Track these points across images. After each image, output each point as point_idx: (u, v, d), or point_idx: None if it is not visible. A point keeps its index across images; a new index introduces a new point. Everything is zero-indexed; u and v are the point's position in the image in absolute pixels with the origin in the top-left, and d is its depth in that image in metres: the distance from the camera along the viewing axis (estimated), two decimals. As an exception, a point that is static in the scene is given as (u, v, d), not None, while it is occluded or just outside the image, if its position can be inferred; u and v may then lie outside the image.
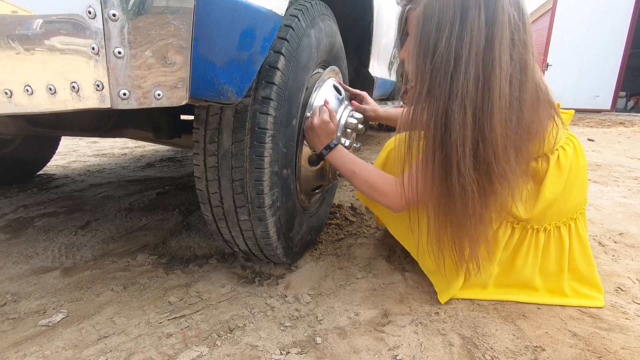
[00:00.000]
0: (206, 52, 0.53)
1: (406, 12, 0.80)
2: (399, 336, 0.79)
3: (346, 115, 1.09)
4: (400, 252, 1.14)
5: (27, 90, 0.49)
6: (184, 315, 0.85)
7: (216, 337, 0.78)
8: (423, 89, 0.72)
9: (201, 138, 0.81)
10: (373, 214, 1.48)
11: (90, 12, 0.45)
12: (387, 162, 1.05)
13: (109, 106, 0.48)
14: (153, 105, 0.50)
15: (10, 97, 0.50)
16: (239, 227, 0.89)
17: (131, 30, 0.46)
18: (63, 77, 0.48)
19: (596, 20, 7.92)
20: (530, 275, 0.91)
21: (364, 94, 1.28)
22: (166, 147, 3.08)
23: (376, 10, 1.59)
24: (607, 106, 8.24)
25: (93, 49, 0.46)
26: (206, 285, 0.98)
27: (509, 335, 0.80)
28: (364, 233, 1.31)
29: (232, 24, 0.58)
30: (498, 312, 0.88)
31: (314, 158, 1.03)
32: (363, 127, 1.15)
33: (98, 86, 0.47)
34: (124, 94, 0.48)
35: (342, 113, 1.08)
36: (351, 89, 1.24)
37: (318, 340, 0.77)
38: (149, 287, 0.97)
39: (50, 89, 0.49)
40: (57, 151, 2.15)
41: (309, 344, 0.76)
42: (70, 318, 0.84)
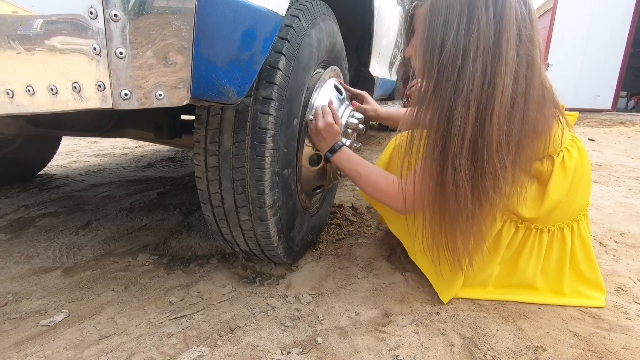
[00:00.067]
0: (207, 52, 0.53)
1: (412, 9, 0.81)
2: (400, 336, 0.79)
3: (347, 115, 1.09)
4: (401, 252, 1.14)
5: (29, 90, 0.49)
6: (185, 315, 0.85)
7: (217, 337, 0.78)
8: (430, 85, 0.72)
9: (202, 138, 0.81)
10: (377, 213, 1.48)
11: (91, 13, 0.45)
12: (391, 161, 1.05)
13: (111, 106, 0.48)
14: (154, 105, 0.50)
15: (12, 98, 0.50)
16: (240, 227, 0.89)
17: (132, 30, 0.46)
18: (65, 78, 0.48)
19: (597, 19, 7.91)
20: (532, 275, 0.91)
21: (365, 94, 1.28)
22: (167, 147, 3.09)
23: (377, 10, 1.59)
24: (608, 106, 8.23)
25: (94, 49, 0.46)
26: (207, 285, 0.98)
27: (510, 335, 0.80)
28: (365, 233, 1.31)
29: (233, 24, 0.58)
30: (499, 312, 0.88)
31: (315, 158, 1.03)
32: (364, 127, 1.15)
33: (100, 86, 0.47)
34: (126, 94, 0.48)
35: (343, 113, 1.08)
36: (352, 89, 1.24)
37: (319, 340, 0.77)
38: (150, 287, 0.97)
39: (51, 90, 0.49)
40: (58, 151, 2.15)
41: (310, 344, 0.76)
42: (71, 318, 0.84)
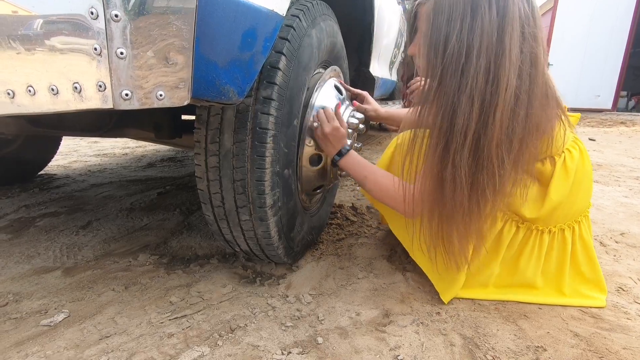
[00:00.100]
0: (208, 53, 0.53)
1: (416, 7, 0.81)
2: (400, 336, 0.79)
3: (347, 115, 1.09)
4: (401, 252, 1.14)
5: (30, 90, 0.49)
6: (185, 315, 0.85)
7: (217, 337, 0.78)
8: (434, 83, 0.72)
9: (202, 138, 0.81)
10: (377, 213, 1.48)
11: (92, 13, 0.45)
12: (392, 161, 1.05)
13: (111, 107, 0.48)
14: (155, 105, 0.50)
15: (12, 98, 0.50)
16: (240, 227, 0.89)
17: (133, 30, 0.46)
18: (65, 78, 0.48)
19: (597, 19, 7.90)
20: (532, 276, 0.91)
21: (365, 94, 1.28)
22: (167, 147, 3.09)
23: (377, 10, 1.59)
24: (608, 106, 8.22)
25: (95, 50, 0.46)
26: (207, 285, 0.98)
27: (511, 335, 0.80)
28: (365, 233, 1.31)
29: (234, 24, 0.58)
30: (499, 312, 0.88)
31: (315, 158, 1.03)
32: (364, 127, 1.15)
33: (100, 87, 0.47)
34: (126, 95, 0.48)
35: (344, 113, 1.08)
36: (352, 89, 1.24)
37: (319, 340, 0.77)
38: (150, 287, 0.97)
39: (52, 90, 0.49)
40: (58, 151, 2.15)
41: (310, 344, 0.76)
42: (71, 318, 0.84)
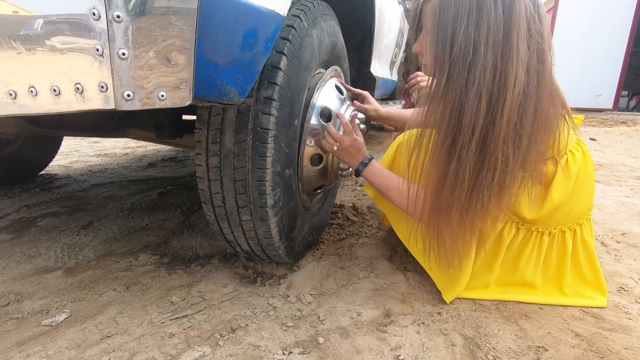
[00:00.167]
0: (209, 53, 0.54)
1: (421, 5, 0.82)
2: (401, 336, 0.79)
3: (348, 115, 1.09)
4: (402, 252, 1.14)
5: (32, 91, 0.50)
6: (187, 315, 0.85)
7: (218, 337, 0.78)
8: (442, 79, 0.72)
9: (203, 138, 0.82)
10: (378, 213, 1.48)
11: (94, 14, 0.45)
12: (396, 158, 1.05)
13: (113, 107, 0.48)
14: (157, 106, 0.50)
15: (14, 99, 0.50)
16: (241, 227, 0.89)
17: (135, 31, 0.46)
18: (67, 79, 0.48)
19: (598, 18, 7.88)
20: (531, 277, 0.91)
21: (366, 94, 1.28)
22: (168, 147, 3.09)
23: (378, 10, 1.59)
24: (609, 105, 8.21)
25: (97, 50, 0.46)
26: (208, 285, 0.98)
27: (512, 335, 0.80)
28: (366, 233, 1.31)
29: (235, 25, 0.58)
30: (500, 312, 0.88)
31: (316, 158, 1.03)
32: (365, 127, 1.15)
33: (102, 87, 0.48)
34: (128, 95, 0.48)
35: (344, 113, 1.08)
36: (353, 89, 1.24)
37: (320, 340, 0.77)
38: (152, 287, 0.97)
39: (54, 90, 0.49)
40: (59, 151, 2.16)
41: (311, 344, 0.76)
42: (73, 318, 0.84)
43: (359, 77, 1.80)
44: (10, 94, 0.50)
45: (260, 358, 0.72)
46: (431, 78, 0.76)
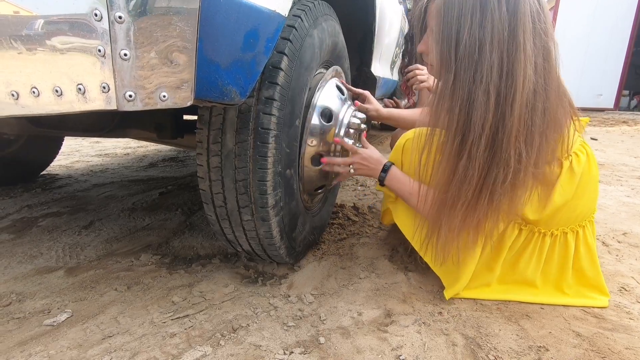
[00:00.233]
0: (211, 53, 0.54)
1: (425, 4, 0.82)
2: (402, 336, 0.79)
3: (349, 115, 1.09)
4: (403, 252, 1.14)
5: (34, 92, 0.50)
6: (188, 315, 0.85)
7: (220, 337, 0.78)
8: (449, 77, 0.73)
9: (204, 138, 0.82)
10: (379, 213, 1.48)
11: (96, 15, 0.45)
12: (404, 155, 1.04)
13: (115, 108, 0.48)
14: (158, 106, 0.50)
15: (16, 99, 0.50)
16: (242, 227, 0.89)
17: (137, 32, 0.47)
18: (69, 79, 0.48)
19: (599, 18, 7.88)
20: (531, 277, 0.91)
21: (367, 94, 1.28)
22: (168, 147, 3.09)
23: (378, 10, 1.59)
24: (610, 105, 8.20)
25: (99, 51, 0.46)
26: (209, 285, 0.98)
27: (513, 335, 0.80)
28: (367, 233, 1.31)
29: (237, 25, 0.58)
30: (501, 312, 0.88)
31: (317, 158, 1.03)
32: (366, 127, 1.15)
33: (104, 88, 0.48)
34: (130, 96, 0.48)
35: (345, 113, 1.08)
36: (354, 89, 1.24)
37: (321, 340, 0.77)
38: (153, 287, 0.97)
39: (56, 91, 0.49)
40: (60, 151, 2.16)
41: (313, 344, 0.76)
42: (74, 318, 0.85)
43: (360, 77, 1.80)
44: (12, 95, 0.50)
45: (261, 358, 0.72)
46: (436, 78, 0.77)
